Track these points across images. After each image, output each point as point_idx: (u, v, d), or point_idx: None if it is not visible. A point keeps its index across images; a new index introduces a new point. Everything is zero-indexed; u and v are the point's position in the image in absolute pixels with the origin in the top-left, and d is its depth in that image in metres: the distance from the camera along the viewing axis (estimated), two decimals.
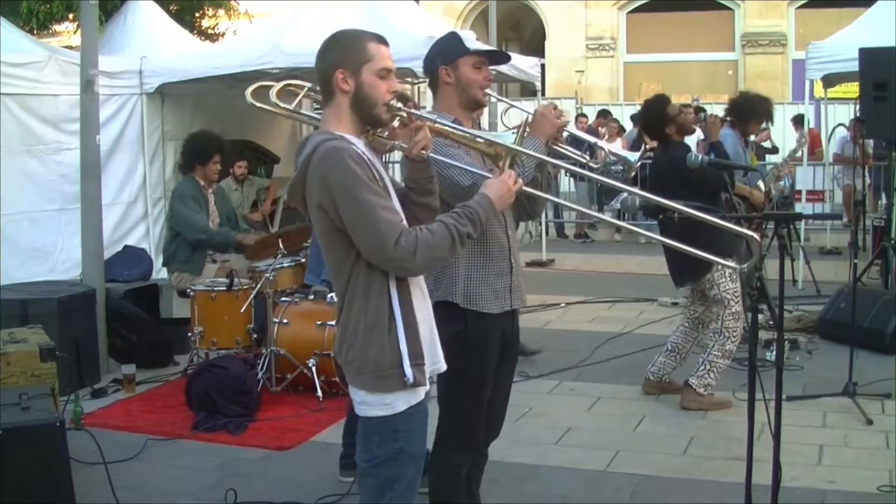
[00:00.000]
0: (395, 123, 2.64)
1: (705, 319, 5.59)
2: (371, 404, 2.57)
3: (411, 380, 2.53)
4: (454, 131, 2.80)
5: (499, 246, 3.25)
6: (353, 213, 2.44)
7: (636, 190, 3.10)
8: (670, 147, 5.51)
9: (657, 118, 5.57)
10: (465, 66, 3.24)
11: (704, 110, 13.66)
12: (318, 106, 2.79)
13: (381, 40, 2.63)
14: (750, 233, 3.08)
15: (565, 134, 3.32)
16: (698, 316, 5.63)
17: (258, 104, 2.78)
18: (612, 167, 10.40)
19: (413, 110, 2.64)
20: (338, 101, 2.59)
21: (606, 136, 12.91)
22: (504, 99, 3.85)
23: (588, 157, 3.40)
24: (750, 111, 6.71)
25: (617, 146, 10.58)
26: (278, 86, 2.76)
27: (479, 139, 2.85)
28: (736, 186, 6.54)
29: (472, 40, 3.31)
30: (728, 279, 5.34)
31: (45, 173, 7.78)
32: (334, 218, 2.48)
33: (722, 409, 5.38)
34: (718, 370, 5.42)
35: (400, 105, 2.62)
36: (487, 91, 3.32)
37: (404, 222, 2.53)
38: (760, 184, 6.42)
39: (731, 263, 3.87)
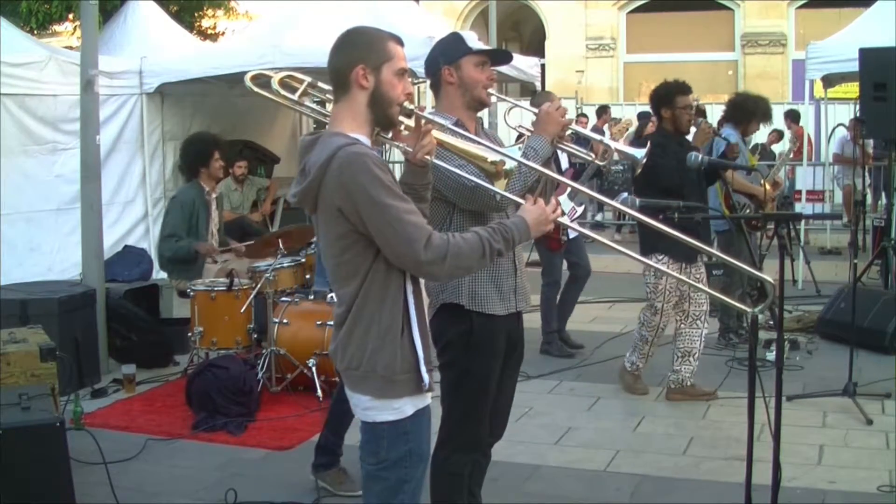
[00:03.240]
0: (403, 126, 2.63)
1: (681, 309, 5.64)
2: (378, 409, 2.54)
3: (427, 384, 2.52)
4: (457, 143, 2.75)
5: None
6: (380, 219, 2.41)
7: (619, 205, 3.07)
8: (655, 135, 5.49)
9: (662, 98, 5.60)
10: (467, 65, 3.23)
11: (704, 111, 13.67)
12: (318, 102, 2.77)
13: (399, 41, 2.61)
14: (766, 277, 3.05)
15: (568, 132, 3.31)
16: (692, 310, 5.63)
17: (257, 89, 2.76)
18: (612, 167, 10.42)
19: (424, 114, 2.62)
20: (354, 98, 2.55)
21: (610, 137, 12.85)
22: (506, 98, 3.84)
23: (593, 156, 3.39)
24: (753, 111, 6.75)
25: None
26: (279, 75, 2.73)
27: (487, 157, 2.79)
28: (739, 183, 6.58)
29: (474, 40, 3.30)
30: (653, 275, 5.52)
31: (43, 173, 7.79)
32: (357, 223, 2.44)
33: (636, 394, 5.70)
34: (640, 352, 5.73)
35: (412, 107, 2.60)
36: (490, 90, 3.31)
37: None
38: (765, 181, 6.44)
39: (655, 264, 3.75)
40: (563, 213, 2.73)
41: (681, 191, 5.36)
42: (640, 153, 3.39)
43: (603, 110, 14.21)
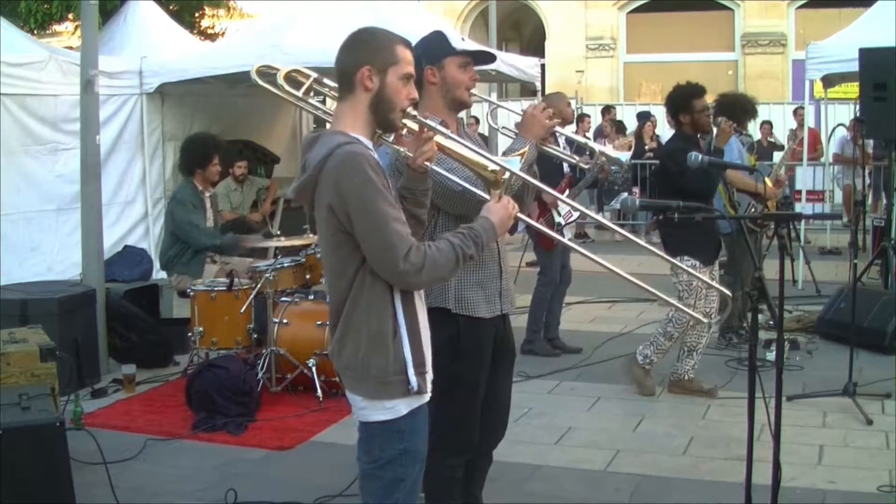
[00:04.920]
0: (405, 130, 2.62)
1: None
2: (371, 409, 2.55)
3: (415, 387, 2.52)
4: (458, 149, 2.74)
5: (489, 250, 3.22)
6: (367, 222, 2.42)
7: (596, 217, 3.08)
8: (674, 138, 5.57)
9: (678, 103, 5.63)
10: (451, 66, 3.20)
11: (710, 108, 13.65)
12: (320, 100, 2.77)
13: (408, 45, 2.60)
14: (722, 288, 3.09)
15: (562, 139, 3.31)
16: None
17: (262, 83, 2.76)
18: (612, 167, 10.42)
19: (426, 120, 2.61)
20: (357, 98, 2.55)
21: (609, 142, 12.79)
22: (489, 99, 3.86)
23: (577, 158, 3.40)
24: (745, 106, 6.77)
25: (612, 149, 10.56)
26: (285, 70, 2.73)
27: (487, 165, 2.77)
28: (740, 182, 6.60)
29: (457, 40, 3.28)
30: (685, 272, 5.44)
31: (43, 173, 7.79)
32: (345, 223, 2.45)
33: (643, 393, 5.68)
34: (658, 347, 5.70)
35: (416, 113, 2.60)
36: (473, 91, 3.30)
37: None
38: (767, 179, 6.46)
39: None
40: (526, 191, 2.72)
41: (711, 195, 5.40)
42: (624, 157, 3.42)
43: (607, 110, 14.31)
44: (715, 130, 5.80)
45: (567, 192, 6.53)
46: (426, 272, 2.46)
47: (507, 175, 2.69)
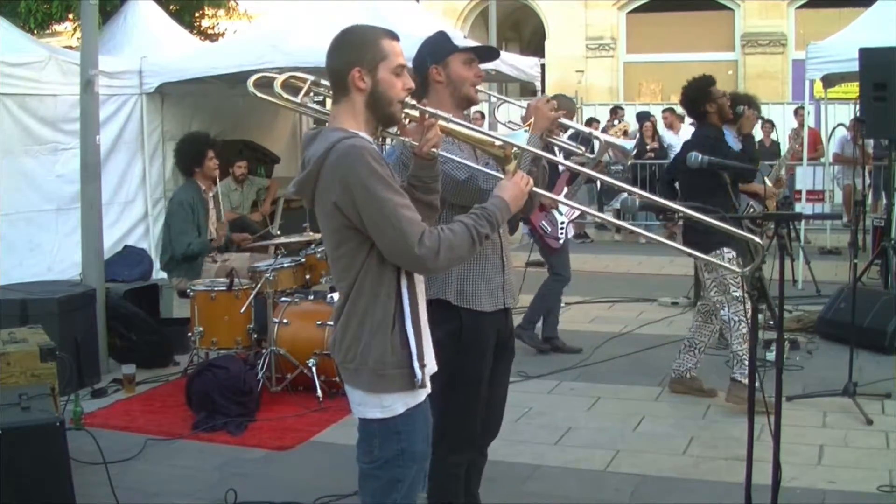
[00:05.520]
0: (407, 121, 2.63)
1: (714, 309, 5.57)
2: (369, 405, 2.55)
3: (420, 380, 2.52)
4: (464, 130, 2.75)
5: (491, 244, 3.23)
6: (375, 212, 2.41)
7: (635, 189, 3.09)
8: (701, 127, 5.57)
9: (700, 93, 5.54)
10: (455, 63, 3.23)
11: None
12: (319, 100, 2.77)
13: (394, 36, 2.61)
14: (751, 236, 3.08)
15: (565, 135, 3.32)
16: (709, 307, 5.61)
17: (260, 94, 2.76)
18: (612, 167, 10.43)
19: (427, 108, 2.62)
20: (353, 99, 2.56)
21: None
22: (497, 95, 3.87)
23: (583, 149, 3.40)
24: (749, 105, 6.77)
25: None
26: (282, 77, 2.74)
27: (495, 141, 2.79)
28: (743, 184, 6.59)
29: (460, 38, 3.30)
30: (726, 264, 5.23)
31: (43, 173, 7.79)
32: (352, 216, 2.44)
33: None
34: (746, 355, 5.27)
35: (414, 102, 2.60)
36: (480, 88, 3.31)
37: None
38: (766, 179, 6.46)
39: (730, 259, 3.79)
40: (534, 185, 2.73)
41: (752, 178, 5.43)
42: (629, 144, 3.43)
43: (614, 111, 14.39)
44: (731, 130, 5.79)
45: (566, 188, 6.53)
46: (443, 255, 2.45)
47: (515, 150, 2.70)
